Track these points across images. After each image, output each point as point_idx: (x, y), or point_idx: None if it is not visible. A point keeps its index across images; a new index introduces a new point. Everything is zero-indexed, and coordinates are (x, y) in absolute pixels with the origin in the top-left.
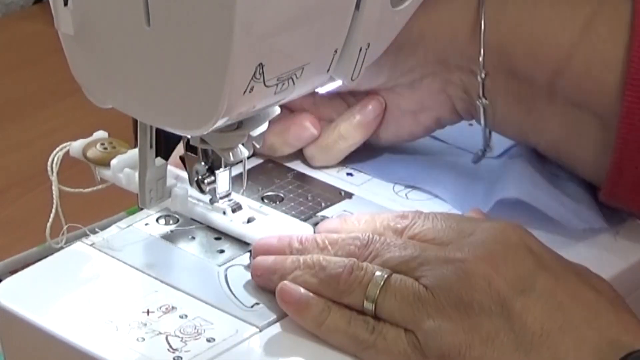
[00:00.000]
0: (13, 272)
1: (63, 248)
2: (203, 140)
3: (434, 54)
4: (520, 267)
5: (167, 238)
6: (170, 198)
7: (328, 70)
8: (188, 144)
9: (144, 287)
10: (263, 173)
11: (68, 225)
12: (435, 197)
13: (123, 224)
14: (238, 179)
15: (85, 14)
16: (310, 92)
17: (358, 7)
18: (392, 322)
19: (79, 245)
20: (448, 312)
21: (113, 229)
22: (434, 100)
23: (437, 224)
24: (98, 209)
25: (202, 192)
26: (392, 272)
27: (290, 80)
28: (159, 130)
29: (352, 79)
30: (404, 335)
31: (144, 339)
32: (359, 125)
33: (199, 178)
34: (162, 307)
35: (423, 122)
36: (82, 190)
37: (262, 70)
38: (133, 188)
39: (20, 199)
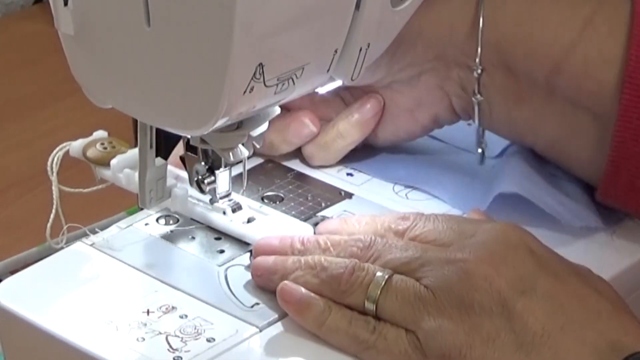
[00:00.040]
0: (13, 272)
1: (63, 248)
2: (203, 140)
3: (433, 50)
4: (521, 267)
5: (167, 238)
6: (170, 198)
7: (328, 70)
8: (188, 144)
9: (144, 287)
10: (263, 173)
11: (68, 225)
12: (435, 197)
13: (123, 224)
14: (238, 179)
15: (85, 14)
16: (310, 92)
17: (358, 7)
18: (393, 322)
19: (79, 245)
20: (449, 312)
21: (113, 229)
22: (432, 98)
23: (438, 226)
24: (98, 209)
25: (202, 192)
26: (393, 272)
27: (290, 80)
28: (159, 130)
29: (352, 79)
30: (405, 336)
31: (144, 339)
32: (357, 124)
33: (199, 178)
34: (162, 307)
35: (421, 120)
36: (82, 190)
37: (262, 70)
38: (133, 188)
39: (20, 199)
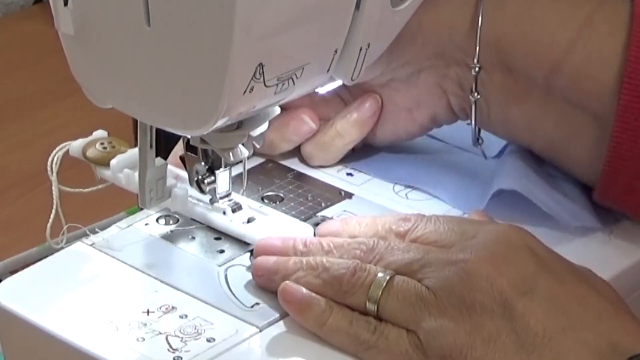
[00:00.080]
0: (13, 272)
1: (63, 248)
2: (203, 140)
3: (432, 48)
4: (523, 268)
5: (167, 238)
6: (170, 198)
7: (328, 70)
8: (188, 144)
9: (144, 287)
10: (263, 173)
11: (68, 225)
12: (435, 197)
13: (123, 224)
14: (238, 179)
15: (85, 14)
16: (310, 92)
17: (358, 7)
18: (394, 322)
19: (79, 245)
20: (450, 312)
21: (113, 229)
22: (430, 97)
23: (439, 227)
24: (98, 209)
25: (202, 192)
26: (395, 273)
27: (290, 80)
28: (159, 130)
29: (352, 79)
30: (406, 336)
31: (144, 339)
32: (356, 123)
33: (199, 178)
34: (162, 307)
35: (419, 120)
36: (82, 190)
37: (262, 70)
38: (133, 188)
39: (20, 199)
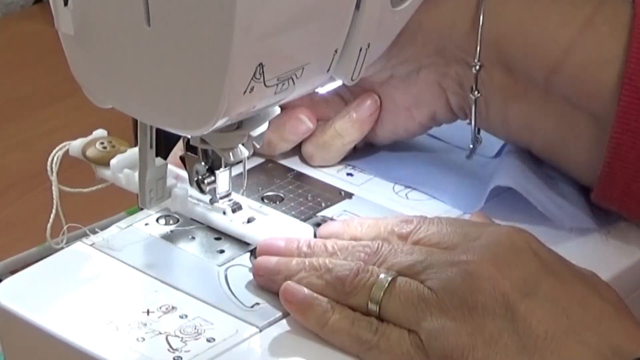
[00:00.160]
0: (13, 272)
1: (63, 248)
2: (203, 140)
3: (432, 45)
4: (526, 270)
5: (167, 238)
6: (170, 198)
7: (328, 70)
8: (188, 144)
9: (144, 287)
10: (263, 173)
11: (68, 225)
12: (435, 197)
13: (123, 224)
14: (238, 179)
15: (85, 14)
16: (311, 92)
17: (358, 7)
18: (395, 323)
19: (79, 245)
20: (452, 313)
21: (113, 229)
22: (430, 95)
23: (442, 229)
24: (98, 209)
25: (202, 192)
26: (397, 274)
27: (291, 80)
28: (159, 130)
29: (352, 79)
30: (408, 336)
31: (144, 339)
32: (355, 123)
33: (199, 178)
34: (162, 307)
35: (418, 118)
36: (82, 190)
37: (262, 70)
38: (133, 188)
39: (20, 199)
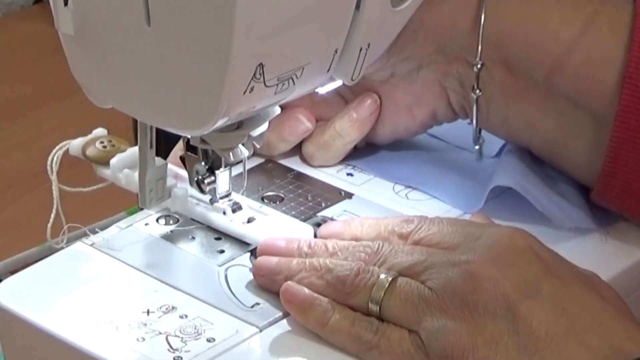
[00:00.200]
0: (13, 272)
1: (63, 248)
2: (203, 140)
3: (433, 43)
4: (527, 271)
5: (167, 238)
6: (170, 198)
7: (328, 70)
8: (188, 144)
9: (144, 287)
10: (263, 173)
11: (68, 225)
12: (435, 197)
13: (123, 224)
14: (238, 179)
15: (85, 14)
16: (311, 92)
17: (358, 7)
18: (396, 323)
19: (79, 245)
20: (452, 313)
21: (113, 229)
22: (430, 94)
23: (442, 229)
24: (98, 209)
25: (202, 192)
26: (398, 275)
27: (291, 80)
28: (159, 130)
29: (352, 79)
30: (408, 336)
31: (144, 339)
32: (355, 122)
33: (199, 178)
34: (162, 307)
35: (419, 117)
36: (82, 190)
37: (262, 70)
38: (133, 188)
39: (20, 199)
